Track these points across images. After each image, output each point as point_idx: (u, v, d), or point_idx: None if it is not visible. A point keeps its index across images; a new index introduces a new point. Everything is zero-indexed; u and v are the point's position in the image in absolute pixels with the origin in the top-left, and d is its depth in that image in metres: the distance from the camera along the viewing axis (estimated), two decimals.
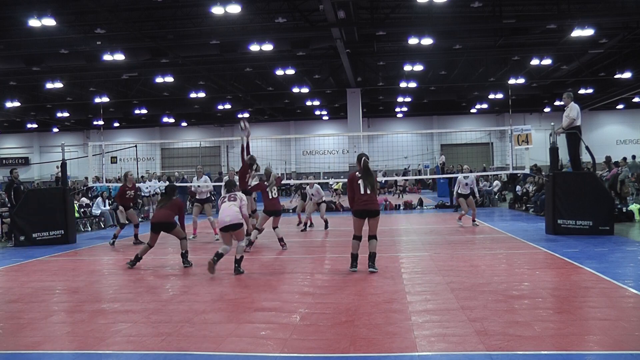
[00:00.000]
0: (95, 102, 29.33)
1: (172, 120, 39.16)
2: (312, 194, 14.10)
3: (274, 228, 10.45)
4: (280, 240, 10.30)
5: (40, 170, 40.93)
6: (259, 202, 11.61)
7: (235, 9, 15.38)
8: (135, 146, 27.19)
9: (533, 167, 17.31)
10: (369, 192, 7.61)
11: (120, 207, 11.89)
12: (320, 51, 23.18)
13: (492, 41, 22.10)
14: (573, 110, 11.35)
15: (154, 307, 6.01)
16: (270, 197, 10.24)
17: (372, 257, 7.73)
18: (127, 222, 12.03)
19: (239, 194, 8.20)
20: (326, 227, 13.67)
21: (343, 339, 4.66)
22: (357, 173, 7.75)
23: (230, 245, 7.96)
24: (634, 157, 21.29)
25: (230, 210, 7.85)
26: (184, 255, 8.76)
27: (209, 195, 12.88)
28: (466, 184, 13.23)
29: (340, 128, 39.50)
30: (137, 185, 19.54)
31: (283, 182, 11.10)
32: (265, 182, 10.31)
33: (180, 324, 5.28)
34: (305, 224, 13.87)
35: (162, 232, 8.69)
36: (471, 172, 14.86)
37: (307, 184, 14.65)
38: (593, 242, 9.80)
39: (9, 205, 13.19)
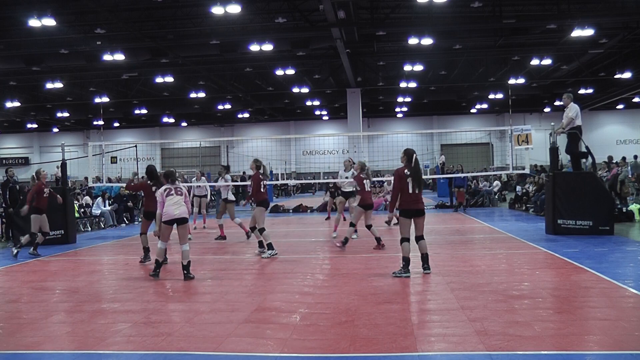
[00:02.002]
0: (95, 102, 29.32)
1: (172, 120, 39.19)
2: (389, 191, 13.77)
3: (369, 226, 9.95)
4: (379, 240, 9.88)
5: None
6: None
7: (235, 9, 15.38)
8: (135, 146, 27.15)
9: (534, 167, 17.36)
10: (417, 191, 7.24)
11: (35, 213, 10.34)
12: (320, 51, 23.18)
13: (492, 41, 22.09)
14: (572, 110, 11.36)
15: (154, 307, 6.01)
16: (367, 189, 10.04)
17: (425, 258, 7.37)
18: (39, 232, 10.48)
19: (184, 189, 7.97)
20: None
21: (343, 339, 4.66)
22: (405, 170, 7.28)
23: (167, 242, 7.74)
24: (635, 157, 21.32)
25: (180, 204, 7.60)
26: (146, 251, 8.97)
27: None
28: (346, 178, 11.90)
29: (340, 128, 39.52)
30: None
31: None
32: (361, 175, 10.09)
33: (180, 324, 5.28)
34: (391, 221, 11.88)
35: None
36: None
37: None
38: (593, 242, 9.80)
39: (4, 205, 13.15)
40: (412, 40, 18.66)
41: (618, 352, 4.16)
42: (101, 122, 31.10)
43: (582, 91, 29.13)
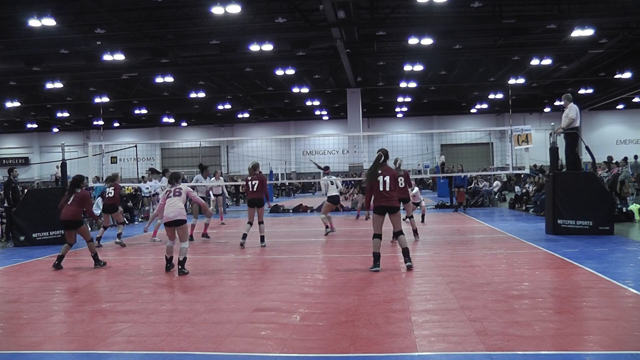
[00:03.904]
0: (95, 102, 29.35)
1: (172, 120, 39.21)
2: (413, 195, 14.36)
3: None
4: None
5: (40, 170, 40.93)
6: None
7: (235, 9, 15.39)
8: (135, 146, 27.17)
9: (534, 167, 17.35)
10: (388, 188, 7.58)
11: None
12: (320, 51, 23.20)
13: (492, 41, 22.11)
14: (572, 110, 11.37)
15: (154, 307, 6.01)
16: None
17: (406, 252, 7.70)
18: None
19: (184, 187, 8.29)
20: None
21: (343, 339, 4.66)
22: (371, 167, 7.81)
23: (174, 241, 8.07)
24: (636, 157, 21.34)
25: (175, 206, 7.95)
26: (95, 258, 8.74)
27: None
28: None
29: (340, 128, 39.52)
30: (137, 185, 19.62)
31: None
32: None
33: (180, 324, 5.28)
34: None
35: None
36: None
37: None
38: (593, 242, 9.80)
39: (6, 205, 13.17)
40: (412, 40, 18.68)
41: (618, 352, 4.16)
42: (101, 122, 31.10)
43: (582, 91, 29.14)
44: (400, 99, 32.27)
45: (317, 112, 36.91)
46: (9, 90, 28.93)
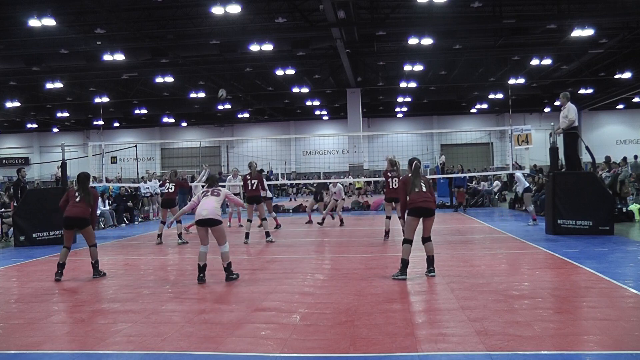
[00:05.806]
0: (95, 102, 29.36)
1: (172, 120, 39.20)
2: (334, 192, 14.67)
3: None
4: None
5: (40, 170, 40.92)
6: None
7: (235, 9, 15.39)
8: (135, 146, 27.21)
9: (533, 167, 17.34)
10: (424, 189, 7.14)
11: None
12: (320, 51, 23.20)
13: (492, 41, 22.11)
14: (571, 111, 11.34)
15: (154, 307, 6.01)
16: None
17: (431, 260, 7.22)
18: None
19: (223, 189, 7.74)
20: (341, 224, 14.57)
21: (343, 339, 4.66)
22: (409, 175, 7.30)
23: (207, 245, 7.35)
24: (636, 157, 21.34)
25: (209, 204, 7.29)
26: (95, 266, 8.02)
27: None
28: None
29: (340, 128, 39.51)
30: (137, 185, 19.64)
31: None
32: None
33: (180, 324, 5.28)
34: (323, 220, 14.77)
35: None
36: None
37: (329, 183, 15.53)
38: (593, 242, 9.80)
39: (15, 204, 13.21)
40: (412, 40, 18.68)
41: (618, 352, 4.16)
42: (101, 122, 31.13)
43: (582, 91, 29.14)
44: (400, 99, 32.26)
45: (317, 112, 36.91)
46: (9, 90, 28.93)
